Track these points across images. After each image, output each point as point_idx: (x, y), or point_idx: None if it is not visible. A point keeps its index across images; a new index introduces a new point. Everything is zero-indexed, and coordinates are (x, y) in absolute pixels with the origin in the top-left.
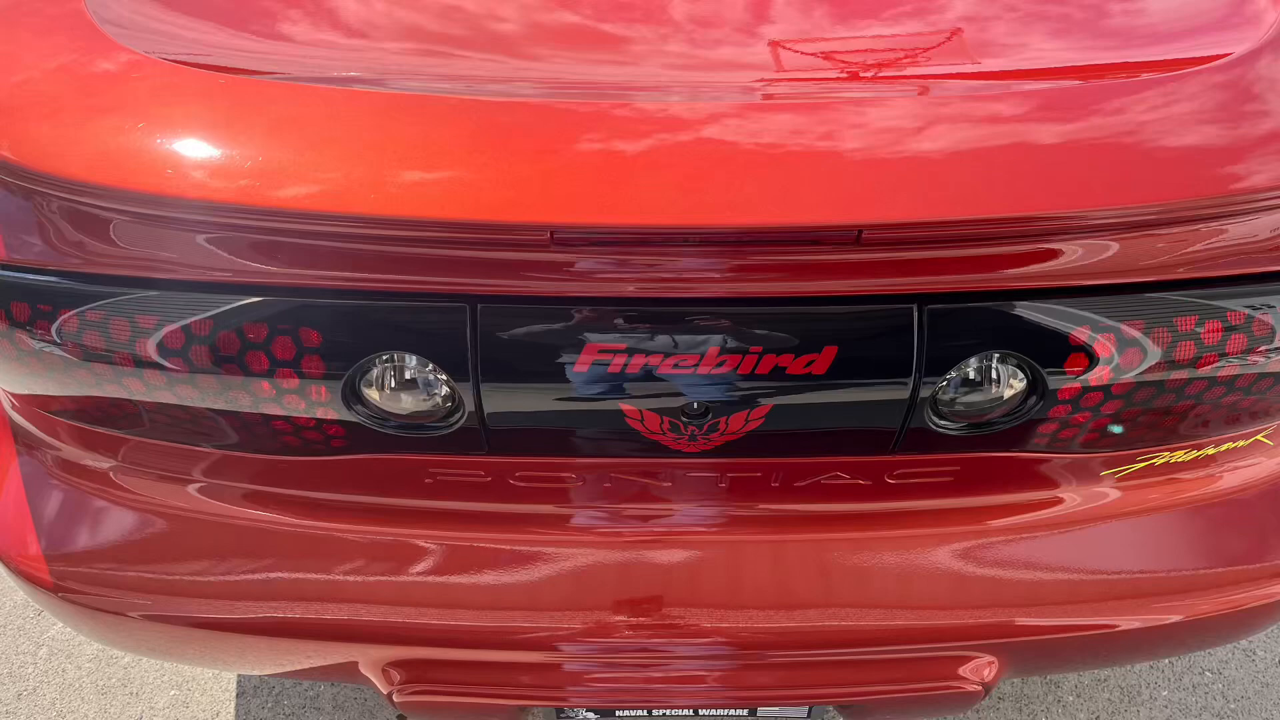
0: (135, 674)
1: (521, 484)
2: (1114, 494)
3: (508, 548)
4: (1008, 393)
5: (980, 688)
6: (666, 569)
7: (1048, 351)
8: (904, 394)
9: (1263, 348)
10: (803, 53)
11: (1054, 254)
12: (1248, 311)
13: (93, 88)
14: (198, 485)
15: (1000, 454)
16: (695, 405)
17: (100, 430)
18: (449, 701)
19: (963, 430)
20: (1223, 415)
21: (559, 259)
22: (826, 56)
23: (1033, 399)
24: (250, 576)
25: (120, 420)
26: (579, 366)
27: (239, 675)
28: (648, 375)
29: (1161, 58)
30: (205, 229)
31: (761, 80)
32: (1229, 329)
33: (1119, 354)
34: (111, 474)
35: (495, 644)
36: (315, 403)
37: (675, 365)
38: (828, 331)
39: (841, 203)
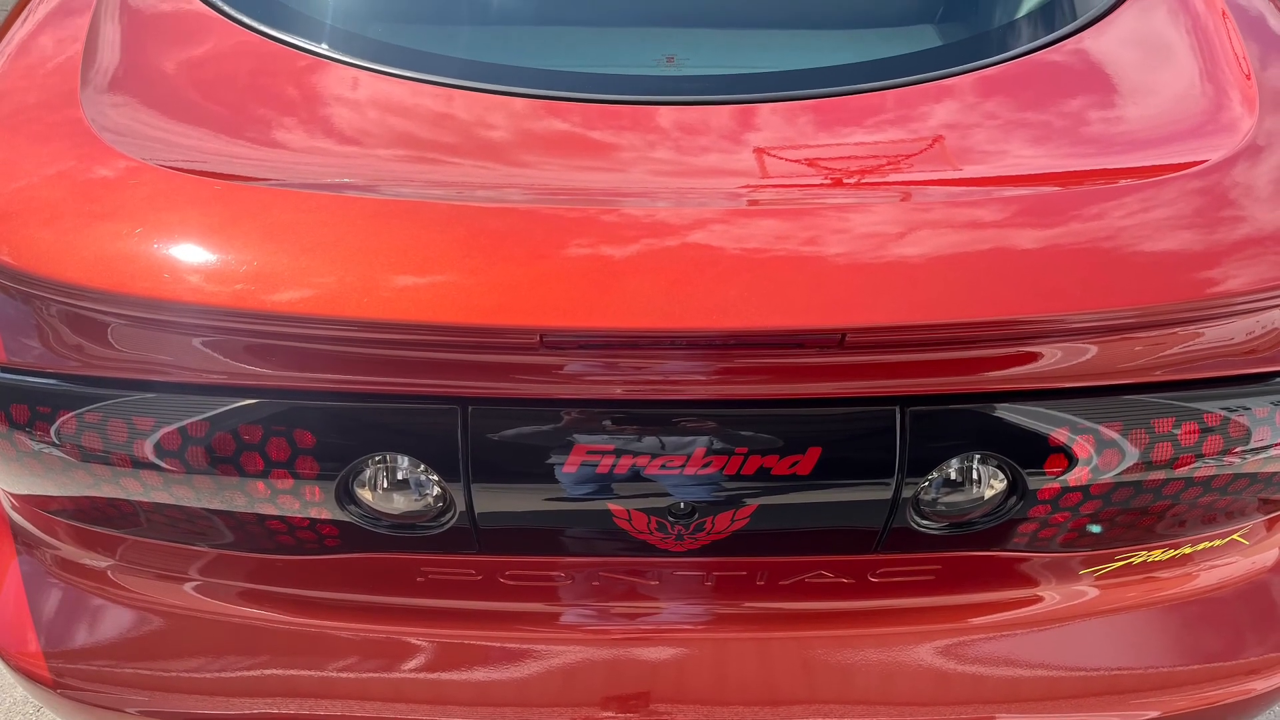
0: None
1: (511, 582)
2: (1092, 592)
3: (498, 645)
4: (988, 493)
5: None
6: (654, 666)
7: (1028, 452)
8: (887, 494)
9: (1238, 449)
10: (787, 159)
11: (1034, 357)
12: (1224, 413)
13: (90, 194)
14: (194, 584)
15: (981, 553)
16: (682, 505)
17: (98, 530)
18: None
19: (944, 530)
20: (1200, 515)
21: (548, 362)
22: (810, 163)
23: (1013, 499)
24: (245, 674)
25: (118, 520)
26: (568, 467)
27: None
28: (635, 476)
29: (1139, 164)
30: (201, 332)
31: (746, 186)
32: (1206, 430)
33: (1098, 455)
34: (109, 573)
35: None
36: (309, 503)
37: (662, 466)
38: (812, 433)
39: (825, 307)
